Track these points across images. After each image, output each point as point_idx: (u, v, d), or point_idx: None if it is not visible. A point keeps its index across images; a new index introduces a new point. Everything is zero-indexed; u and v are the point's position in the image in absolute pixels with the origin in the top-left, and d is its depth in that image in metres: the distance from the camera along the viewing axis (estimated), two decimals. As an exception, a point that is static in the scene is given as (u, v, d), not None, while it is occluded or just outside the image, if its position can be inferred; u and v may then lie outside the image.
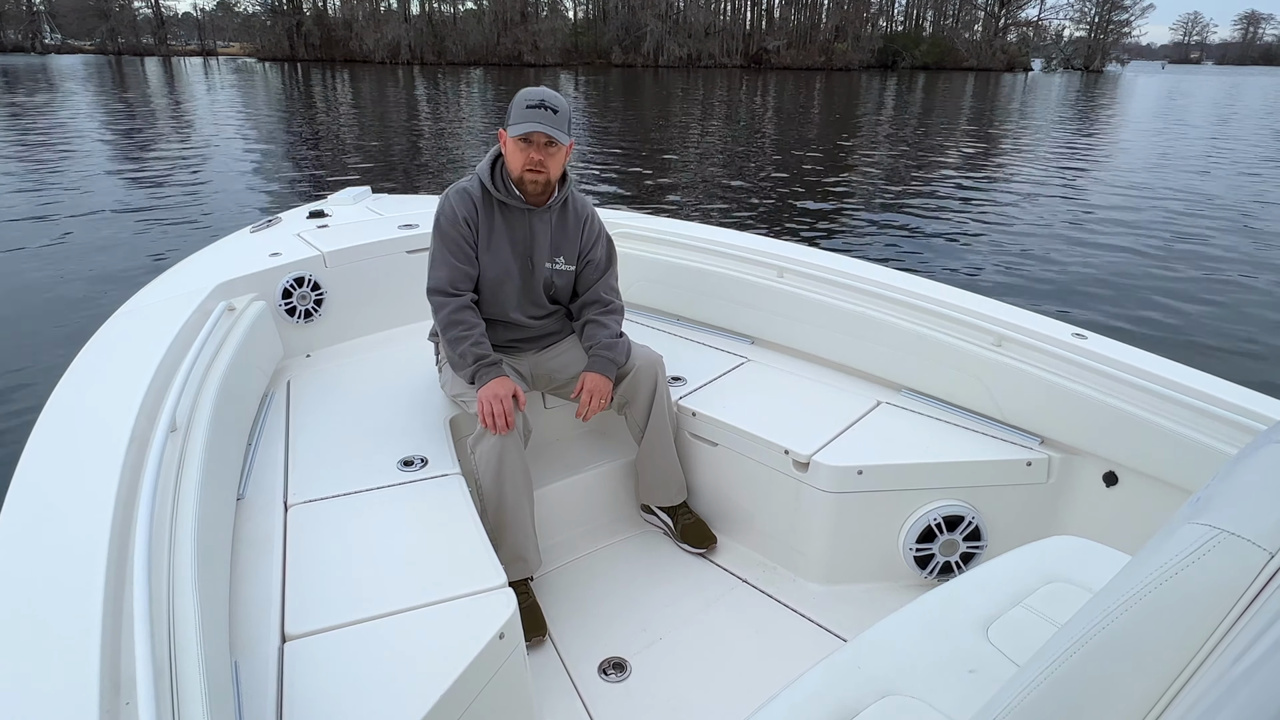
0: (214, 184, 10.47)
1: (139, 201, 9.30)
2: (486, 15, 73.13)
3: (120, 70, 46.82)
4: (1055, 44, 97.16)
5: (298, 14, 72.80)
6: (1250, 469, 0.86)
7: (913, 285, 2.46)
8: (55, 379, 1.80)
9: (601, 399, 2.13)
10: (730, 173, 12.37)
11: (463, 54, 70.58)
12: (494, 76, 47.12)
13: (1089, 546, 1.53)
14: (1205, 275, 7.05)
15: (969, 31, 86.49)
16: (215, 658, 1.21)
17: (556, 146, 2.04)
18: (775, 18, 79.69)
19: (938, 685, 1.23)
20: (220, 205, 9.20)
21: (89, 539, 1.27)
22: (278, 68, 55.67)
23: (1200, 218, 9.53)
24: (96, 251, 7.11)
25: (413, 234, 2.91)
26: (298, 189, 10.34)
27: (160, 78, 39.21)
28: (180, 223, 8.29)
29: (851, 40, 75.43)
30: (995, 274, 7.04)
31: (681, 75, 55.05)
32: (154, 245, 7.39)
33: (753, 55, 75.67)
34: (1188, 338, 5.51)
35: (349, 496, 1.84)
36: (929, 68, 78.16)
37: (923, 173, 12.74)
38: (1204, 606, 0.74)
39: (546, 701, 1.80)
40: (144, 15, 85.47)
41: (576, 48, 74.03)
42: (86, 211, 8.70)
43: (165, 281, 2.54)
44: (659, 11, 73.69)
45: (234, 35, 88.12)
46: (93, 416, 1.65)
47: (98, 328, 2.15)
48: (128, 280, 6.21)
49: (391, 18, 72.37)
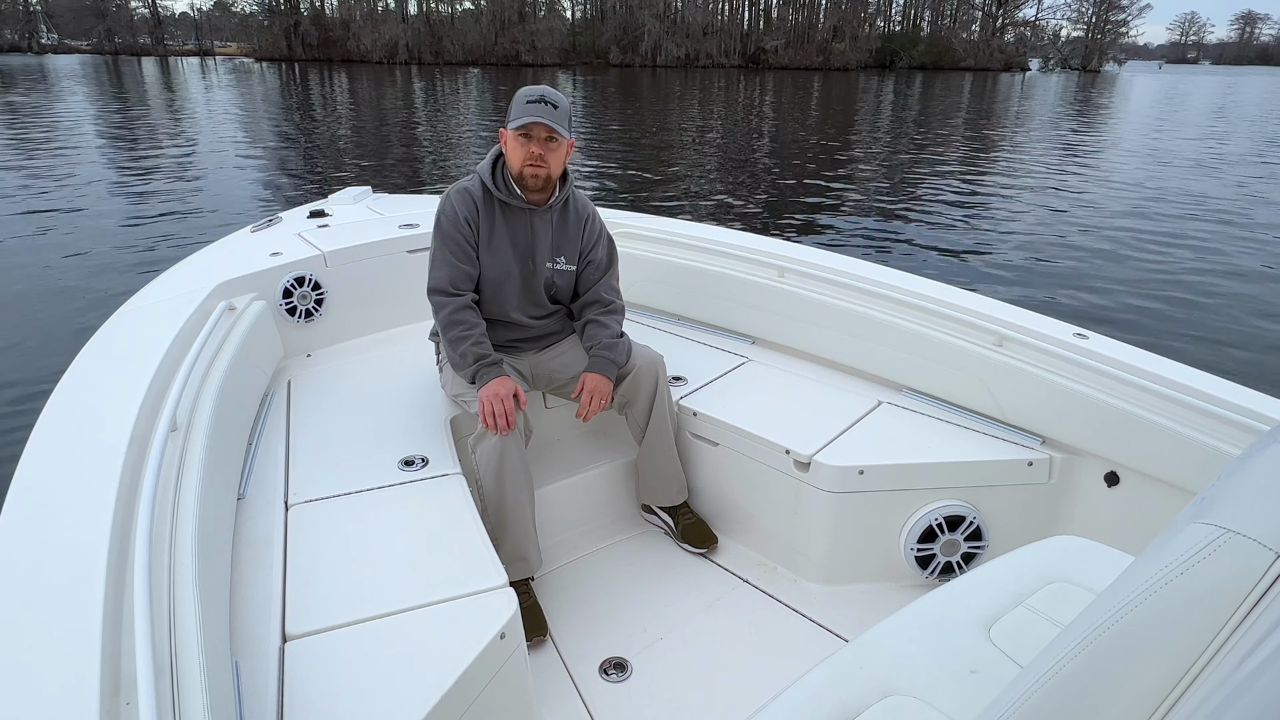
0: (213, 185, 10.45)
1: (138, 202, 9.29)
2: (484, 15, 73.06)
3: (117, 70, 46.73)
4: (1052, 44, 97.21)
5: (295, 14, 72.64)
6: (1256, 469, 0.86)
7: (914, 285, 2.46)
8: (56, 379, 1.80)
9: (602, 399, 2.13)
10: (729, 172, 12.38)
11: (460, 54, 70.51)
12: (492, 76, 47.09)
13: (1090, 547, 1.53)
14: (1207, 274, 7.05)
15: (966, 31, 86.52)
16: (216, 657, 1.20)
17: (557, 142, 2.04)
18: (773, 18, 79.72)
19: (939, 685, 1.23)
20: (219, 205, 9.19)
21: (89, 539, 1.26)
22: (275, 68, 55.57)
23: (1202, 218, 9.54)
24: (97, 251, 7.11)
25: (413, 234, 2.91)
26: (298, 189, 10.33)
27: (157, 78, 39.15)
28: (180, 223, 8.28)
29: (849, 40, 75.43)
30: (997, 273, 7.05)
31: (679, 75, 55.06)
32: (154, 245, 7.37)
33: (750, 55, 75.67)
34: (1190, 337, 5.51)
35: (349, 496, 1.84)
36: (926, 68, 78.18)
37: (923, 172, 12.75)
38: (1209, 607, 0.73)
39: (547, 702, 1.79)
40: (141, 15, 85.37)
41: (574, 48, 74.00)
42: (86, 212, 8.69)
43: (166, 281, 2.54)
44: (657, 11, 73.64)
45: (231, 35, 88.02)
46: (93, 416, 1.64)
47: (98, 327, 2.15)
48: (128, 280, 6.21)
49: (389, 18, 72.29)
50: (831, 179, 11.93)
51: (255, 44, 74.50)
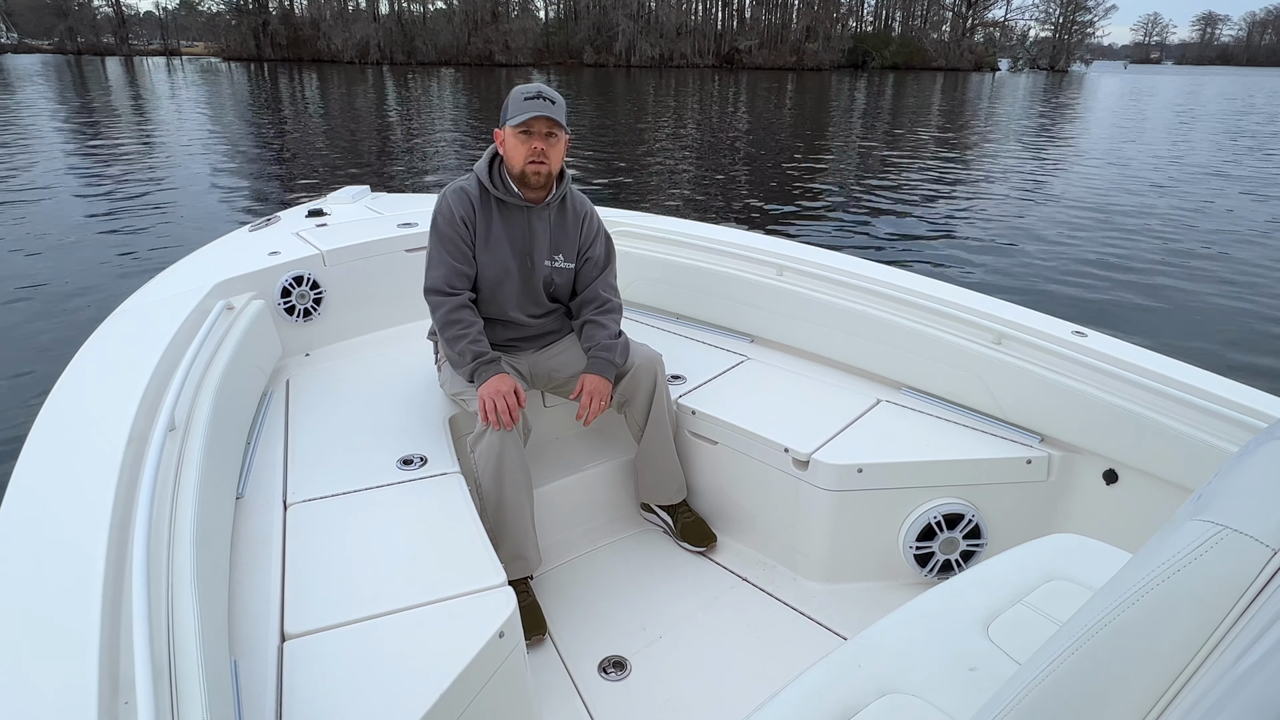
0: (187, 190, 10.24)
1: (118, 207, 9.10)
2: (457, 15, 72.65)
3: (81, 70, 45.84)
4: (1021, 44, 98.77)
5: (263, 13, 71.83)
6: (1253, 466, 0.87)
7: (912, 283, 2.47)
8: (54, 378, 1.78)
9: (601, 400, 2.12)
10: (706, 172, 12.40)
11: (433, 54, 70.10)
12: (466, 76, 46.85)
13: (1089, 544, 1.53)
14: (1205, 273, 7.09)
15: (937, 32, 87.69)
16: (214, 657, 1.20)
17: (556, 137, 2.03)
18: (746, 18, 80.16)
19: (938, 683, 1.23)
20: (198, 212, 9.01)
21: (88, 538, 1.26)
22: (244, 68, 54.87)
23: (1199, 214, 9.65)
24: (86, 257, 6.99)
25: (411, 233, 2.90)
26: (283, 193, 10.14)
27: (122, 78, 38.46)
28: (158, 232, 8.10)
29: (822, 40, 76.05)
30: (993, 271, 7.07)
31: (654, 75, 55.16)
32: (133, 252, 7.24)
33: (724, 55, 76.06)
34: (1188, 334, 5.54)
35: (348, 495, 1.82)
36: (898, 67, 79.07)
37: (907, 173, 12.84)
38: (1206, 604, 0.74)
39: (546, 700, 1.79)
40: (104, 14, 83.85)
41: (548, 47, 73.88)
42: (75, 216, 8.53)
43: (164, 280, 2.51)
44: (630, 11, 73.74)
45: (198, 35, 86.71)
46: (91, 416, 1.63)
47: (96, 327, 2.13)
48: (124, 281, 6.16)
49: (360, 17, 71.64)
50: (811, 178, 12.00)
51: (223, 44, 73.54)
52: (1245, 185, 12.08)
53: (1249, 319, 5.89)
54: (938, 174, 12.61)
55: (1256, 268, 7.34)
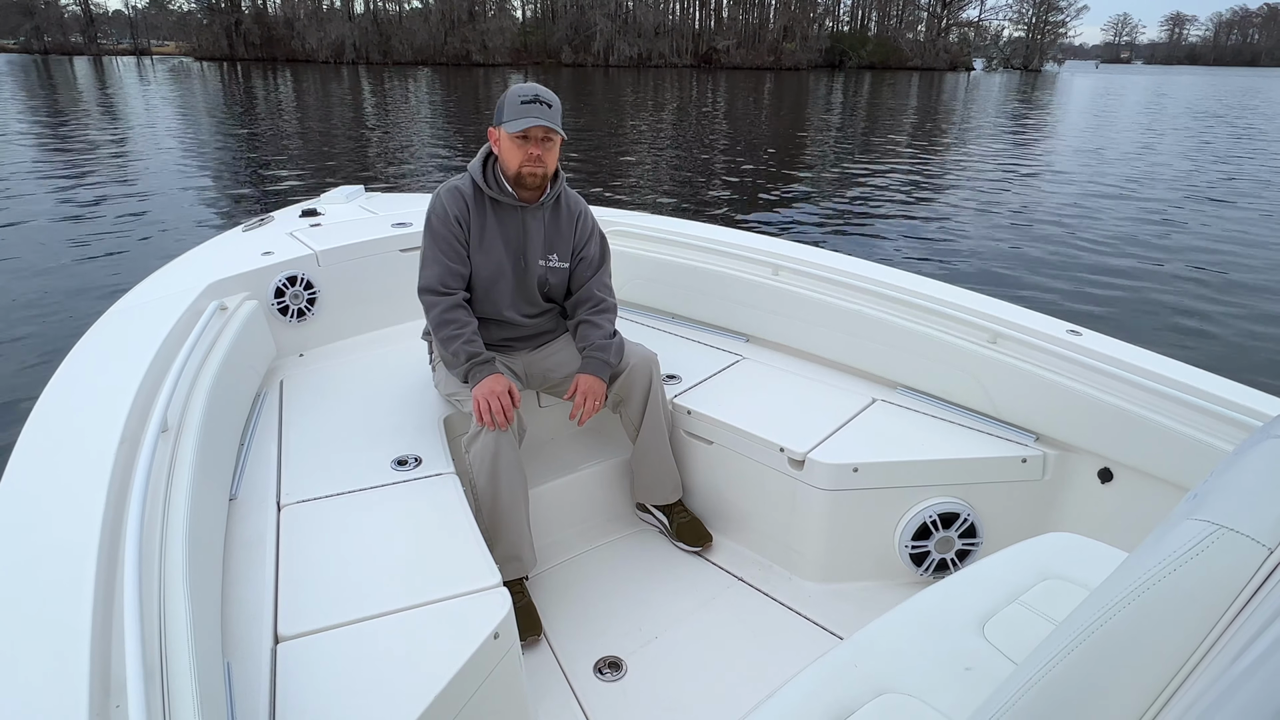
0: (168, 192, 10.07)
1: (95, 211, 8.93)
2: (433, 14, 72.19)
3: (48, 70, 45.00)
4: (995, 44, 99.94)
5: (236, 12, 70.88)
6: (1248, 465, 0.87)
7: (907, 283, 2.47)
8: (45, 380, 1.76)
9: (595, 400, 2.11)
10: (688, 172, 12.41)
11: (409, 53, 69.59)
12: (443, 76, 46.55)
13: (1084, 543, 1.54)
14: (1201, 271, 7.13)
15: (913, 32, 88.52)
16: (207, 659, 1.18)
17: (553, 140, 2.03)
18: (724, 18, 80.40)
19: (934, 683, 1.23)
20: (179, 215, 8.83)
21: (79, 540, 1.24)
22: (216, 67, 54.15)
23: (1192, 211, 9.75)
24: (77, 258, 6.88)
25: (406, 232, 2.88)
26: (265, 194, 10.00)
27: (92, 78, 37.80)
28: (136, 234, 7.95)
29: (799, 40, 76.49)
30: (988, 271, 7.09)
31: (632, 74, 55.18)
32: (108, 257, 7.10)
33: (702, 55, 76.27)
34: (1184, 333, 5.58)
35: (342, 496, 1.81)
36: (875, 67, 79.76)
37: (894, 172, 12.91)
38: (1203, 603, 0.74)
39: (542, 701, 1.78)
40: (72, 12, 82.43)
41: (525, 47, 73.63)
42: (60, 218, 8.37)
43: (156, 281, 2.48)
44: (608, 11, 73.70)
45: (169, 34, 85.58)
46: (83, 417, 1.61)
47: (89, 328, 2.10)
48: (119, 281, 6.09)
49: (334, 16, 71.01)
50: (794, 178, 12.05)
51: (194, 43, 72.54)
52: (1238, 183, 12.24)
53: (1246, 318, 5.94)
54: (923, 172, 12.71)
55: (1252, 267, 7.43)
